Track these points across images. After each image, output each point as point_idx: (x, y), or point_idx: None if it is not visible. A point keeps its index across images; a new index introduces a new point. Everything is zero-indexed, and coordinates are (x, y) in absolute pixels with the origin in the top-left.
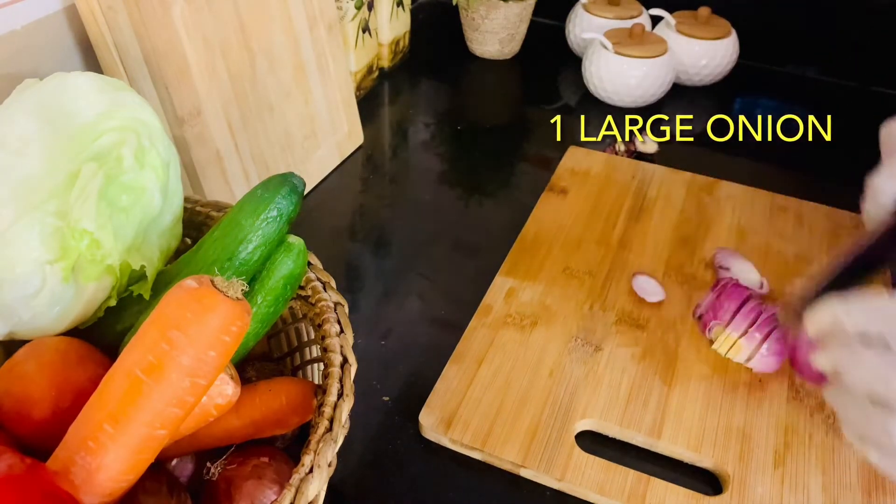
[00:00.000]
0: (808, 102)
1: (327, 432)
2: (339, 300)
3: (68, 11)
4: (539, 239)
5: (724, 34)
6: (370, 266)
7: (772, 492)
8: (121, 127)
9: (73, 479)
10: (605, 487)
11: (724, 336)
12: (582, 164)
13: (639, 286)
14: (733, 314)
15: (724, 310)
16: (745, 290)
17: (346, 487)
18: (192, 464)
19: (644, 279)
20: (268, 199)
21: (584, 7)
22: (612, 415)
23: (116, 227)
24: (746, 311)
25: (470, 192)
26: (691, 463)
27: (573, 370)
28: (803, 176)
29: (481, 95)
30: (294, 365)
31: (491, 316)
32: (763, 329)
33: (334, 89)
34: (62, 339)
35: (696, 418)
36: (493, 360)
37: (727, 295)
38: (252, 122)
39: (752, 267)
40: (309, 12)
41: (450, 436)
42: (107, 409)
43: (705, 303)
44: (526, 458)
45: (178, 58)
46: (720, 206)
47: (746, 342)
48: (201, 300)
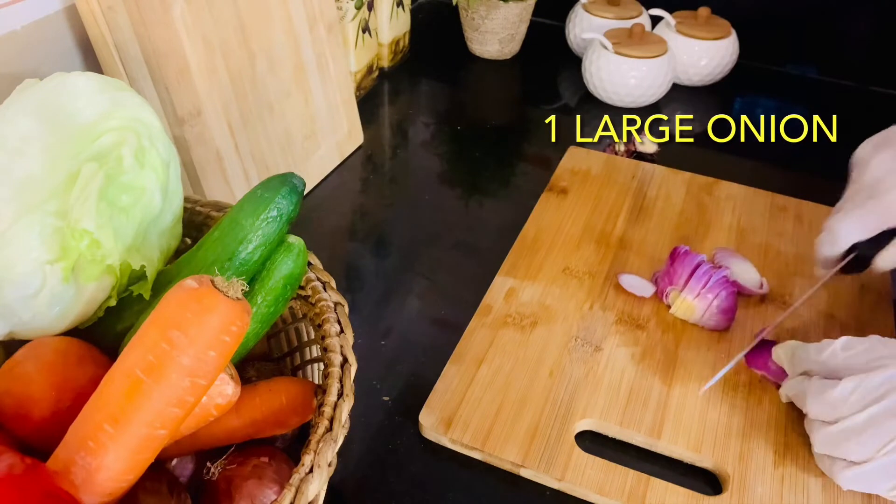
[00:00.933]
0: (807, 102)
1: (327, 432)
2: (339, 300)
3: (68, 11)
4: (539, 239)
5: (724, 34)
6: (370, 266)
7: (772, 491)
8: (121, 127)
9: (74, 479)
10: (604, 487)
11: (680, 299)
12: (582, 164)
13: (627, 283)
14: (687, 279)
15: (678, 275)
16: (697, 257)
17: (346, 487)
18: (192, 464)
19: (629, 277)
20: (268, 199)
21: (584, 7)
22: (612, 415)
23: (116, 227)
24: (699, 275)
25: (470, 192)
26: (691, 463)
27: (573, 370)
28: (803, 176)
29: (481, 95)
30: (294, 365)
31: (491, 316)
32: (714, 291)
33: (334, 89)
34: (62, 339)
35: (695, 418)
36: (492, 360)
37: (681, 262)
38: (252, 122)
39: (752, 267)
40: (309, 12)
41: (450, 436)
42: (107, 409)
43: (662, 271)
44: (526, 458)
45: (178, 58)
46: (720, 206)
47: (699, 303)
48: (201, 300)
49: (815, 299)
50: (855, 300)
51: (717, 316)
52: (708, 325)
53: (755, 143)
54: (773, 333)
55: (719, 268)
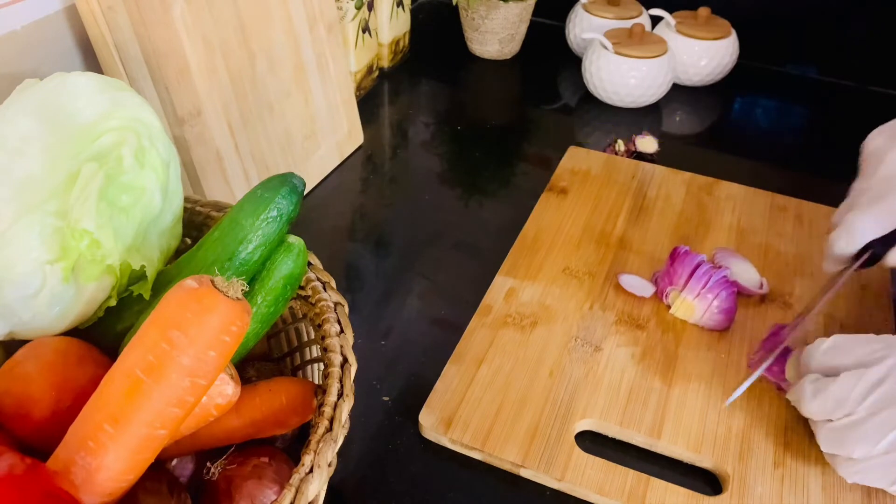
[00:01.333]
0: (807, 102)
1: (327, 432)
2: (339, 300)
3: (68, 11)
4: (539, 239)
5: (724, 34)
6: (370, 266)
7: (771, 491)
8: (121, 127)
9: (74, 479)
10: (604, 487)
11: (680, 300)
12: (582, 164)
13: (626, 283)
14: (687, 279)
15: (678, 276)
16: (697, 257)
17: (346, 487)
18: (192, 464)
19: (629, 277)
20: (268, 199)
21: (584, 7)
22: (612, 415)
23: (116, 227)
24: (699, 275)
25: (470, 192)
26: (691, 463)
27: (573, 370)
28: (803, 176)
29: (481, 95)
30: (294, 365)
31: (491, 316)
32: (714, 291)
33: (334, 89)
34: (62, 339)
35: (695, 418)
36: (492, 360)
37: (681, 262)
38: (252, 122)
39: (752, 267)
40: (309, 12)
41: (449, 436)
42: (107, 409)
43: (661, 271)
44: (526, 458)
45: (178, 58)
46: (720, 206)
47: (699, 303)
48: (201, 300)
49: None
50: (855, 299)
51: (717, 316)
52: (708, 325)
53: (755, 143)
54: (791, 340)
55: (719, 268)
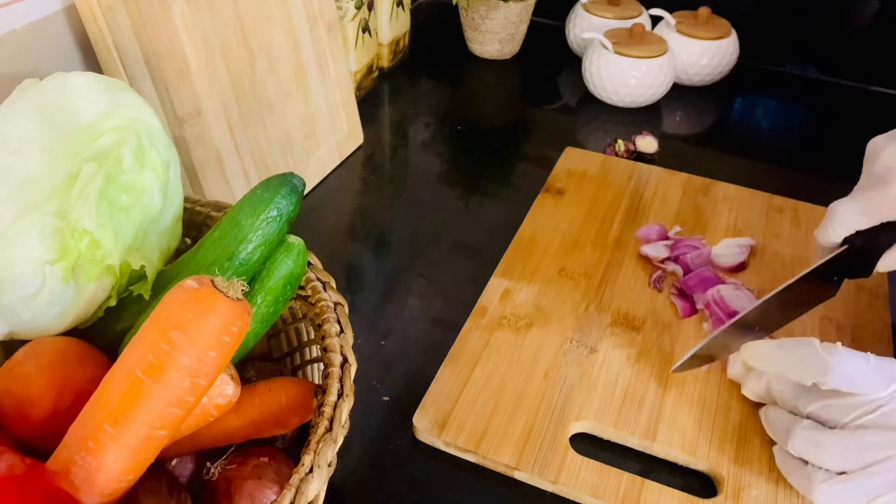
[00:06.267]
0: (807, 102)
1: (327, 432)
2: (339, 300)
3: (68, 11)
4: (535, 240)
5: (724, 34)
6: (370, 266)
7: (766, 494)
8: (121, 127)
9: (73, 479)
10: (599, 490)
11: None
12: (578, 164)
13: (643, 234)
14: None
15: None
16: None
17: (346, 487)
18: (192, 464)
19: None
20: (268, 199)
21: (584, 7)
22: (607, 417)
23: (116, 227)
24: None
25: (470, 192)
26: (686, 465)
27: (568, 372)
28: (801, 177)
29: (481, 95)
30: (294, 365)
31: (486, 317)
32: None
33: (334, 89)
34: (62, 339)
35: (690, 420)
36: (487, 361)
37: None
38: (252, 122)
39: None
40: (309, 12)
41: (443, 438)
42: (107, 409)
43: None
44: (520, 460)
45: (178, 58)
46: (716, 206)
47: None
48: (201, 300)
49: None
50: (851, 302)
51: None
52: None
53: (755, 143)
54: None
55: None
